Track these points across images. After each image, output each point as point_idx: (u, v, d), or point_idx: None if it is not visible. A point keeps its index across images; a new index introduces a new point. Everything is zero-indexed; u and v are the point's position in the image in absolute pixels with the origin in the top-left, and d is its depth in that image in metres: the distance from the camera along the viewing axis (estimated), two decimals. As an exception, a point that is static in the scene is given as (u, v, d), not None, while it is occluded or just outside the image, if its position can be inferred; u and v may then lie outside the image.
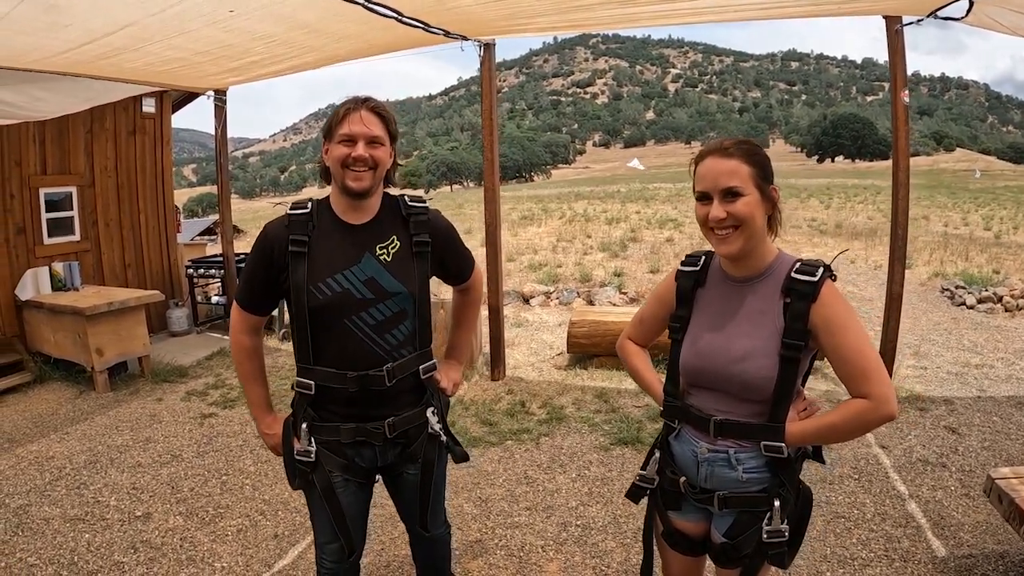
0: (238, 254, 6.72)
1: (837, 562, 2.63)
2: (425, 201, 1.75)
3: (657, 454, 1.57)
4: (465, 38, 4.52)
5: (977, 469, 3.38)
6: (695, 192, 1.39)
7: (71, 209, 6.11)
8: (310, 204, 1.67)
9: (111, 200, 6.50)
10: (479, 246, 5.72)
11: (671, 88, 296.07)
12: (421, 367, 1.73)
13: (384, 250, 1.65)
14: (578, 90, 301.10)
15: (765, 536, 1.39)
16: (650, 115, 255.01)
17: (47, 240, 5.85)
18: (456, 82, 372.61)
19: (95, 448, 4.01)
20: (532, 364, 5.63)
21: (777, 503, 1.38)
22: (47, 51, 3.74)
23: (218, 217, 6.92)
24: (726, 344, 1.40)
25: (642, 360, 1.68)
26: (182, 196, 72.60)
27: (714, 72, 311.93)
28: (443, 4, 3.65)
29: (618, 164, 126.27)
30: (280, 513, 3.17)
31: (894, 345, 4.31)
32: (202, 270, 7.14)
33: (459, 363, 1.98)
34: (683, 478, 1.50)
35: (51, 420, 4.51)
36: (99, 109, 6.01)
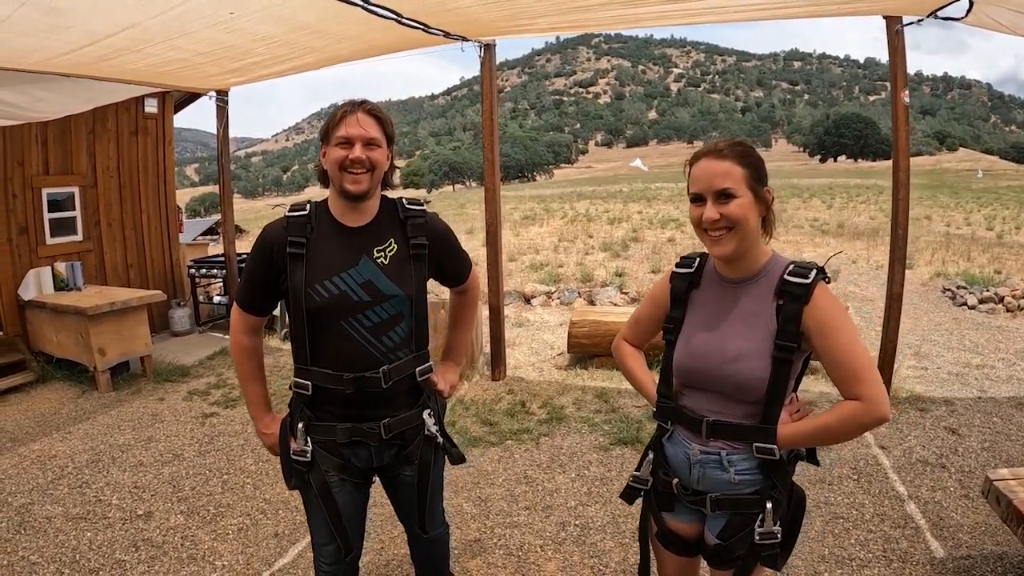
0: (240, 254, 6.74)
1: (835, 562, 2.64)
2: (423, 204, 1.76)
3: (650, 455, 1.58)
4: (465, 39, 4.53)
5: (977, 470, 3.38)
6: (689, 193, 1.40)
7: (73, 209, 6.14)
8: (308, 206, 1.68)
9: (113, 200, 6.53)
10: (481, 246, 5.73)
11: (674, 88, 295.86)
12: (417, 369, 1.73)
13: (381, 253, 1.66)
14: (580, 90, 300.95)
15: (758, 538, 1.39)
16: (652, 115, 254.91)
17: (49, 240, 5.88)
18: (459, 82, 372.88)
19: (97, 447, 4.02)
20: (533, 364, 5.64)
21: (769, 505, 1.38)
22: (49, 52, 3.76)
23: (220, 217, 6.94)
24: (719, 344, 1.40)
25: (636, 361, 1.69)
26: (185, 196, 72.84)
27: (717, 72, 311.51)
28: (443, 5, 3.65)
29: (620, 164, 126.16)
30: (281, 512, 3.19)
31: (894, 345, 4.30)
32: (204, 270, 7.16)
33: (456, 365, 1.99)
34: (676, 479, 1.51)
35: (53, 419, 4.53)
36: (101, 109, 6.03)
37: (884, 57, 4.14)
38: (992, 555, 2.66)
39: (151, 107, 6.82)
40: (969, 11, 3.55)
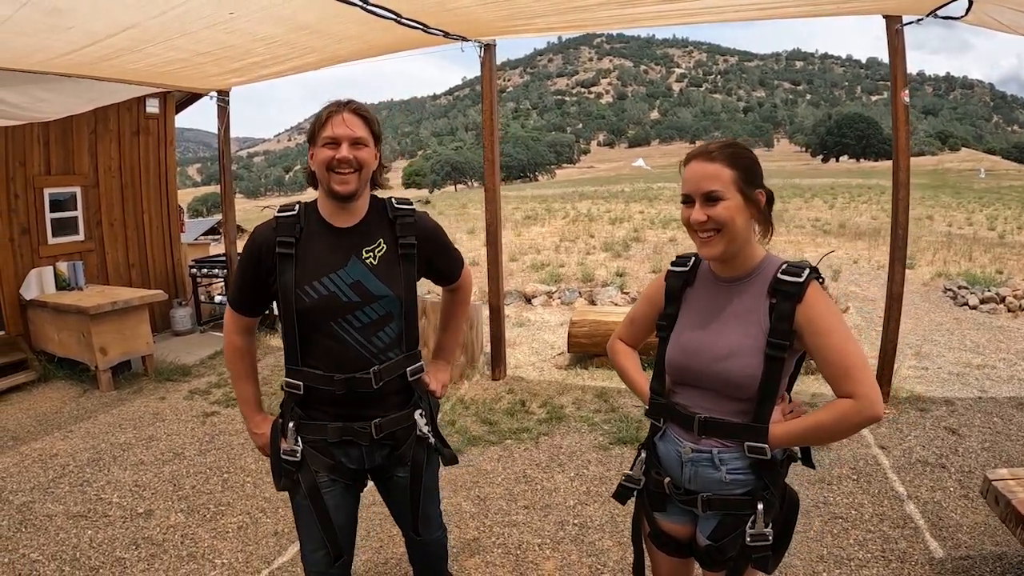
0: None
1: (834, 562, 2.64)
2: (412, 203, 1.76)
3: (643, 454, 1.58)
4: (465, 39, 4.53)
5: (977, 470, 3.38)
6: (681, 194, 1.42)
7: (75, 209, 6.16)
8: (297, 207, 1.68)
9: (115, 200, 6.55)
10: (482, 246, 5.73)
11: (676, 88, 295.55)
12: (408, 369, 1.73)
13: (370, 253, 1.66)
14: (582, 90, 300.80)
15: (748, 539, 1.38)
16: (655, 115, 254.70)
17: (51, 240, 5.90)
18: (461, 82, 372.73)
19: (98, 446, 4.04)
20: (533, 364, 5.64)
21: (760, 506, 1.38)
22: (50, 52, 3.77)
23: (221, 217, 6.95)
24: (711, 341, 1.41)
25: (630, 361, 1.70)
26: (187, 196, 72.89)
27: (719, 72, 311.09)
28: (442, 5, 3.66)
29: (623, 164, 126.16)
30: (280, 511, 3.19)
31: (894, 345, 4.29)
32: (205, 270, 7.18)
33: (447, 363, 1.99)
34: (667, 479, 1.51)
35: (55, 418, 4.55)
36: (103, 110, 6.05)
37: (886, 57, 4.14)
38: (991, 555, 2.65)
39: (153, 107, 6.84)
40: (968, 10, 3.55)
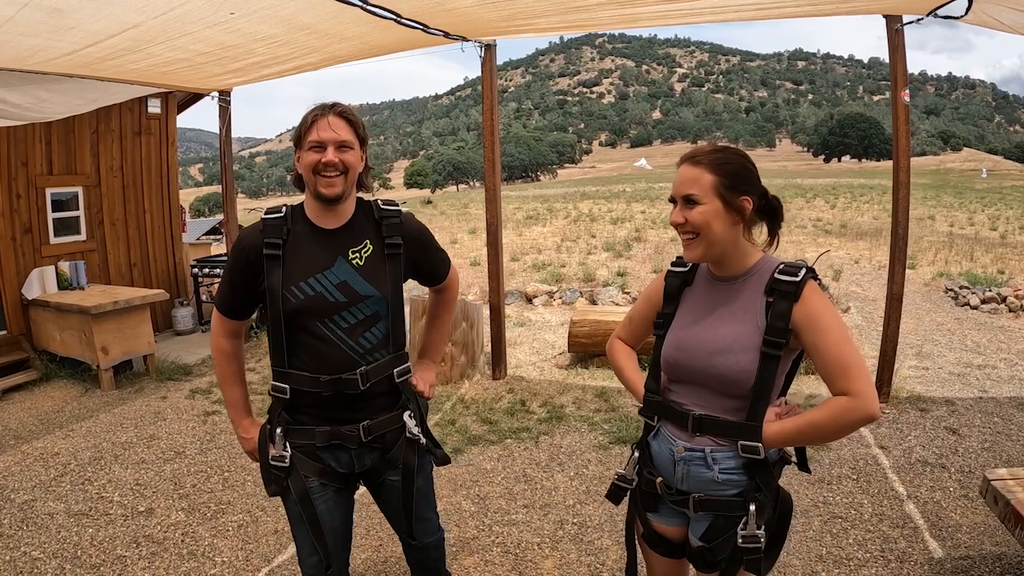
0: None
1: (833, 562, 2.64)
2: (398, 204, 1.76)
3: (636, 453, 1.58)
4: (465, 39, 4.54)
5: (977, 470, 3.37)
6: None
7: (77, 209, 6.18)
8: (284, 209, 1.68)
9: (117, 200, 6.56)
10: (483, 246, 5.74)
11: (677, 88, 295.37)
12: (395, 370, 1.73)
13: (357, 254, 1.66)
14: (584, 90, 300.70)
15: (740, 540, 1.38)
16: (656, 115, 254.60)
17: (53, 240, 5.92)
18: (463, 81, 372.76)
19: (100, 445, 4.05)
20: (534, 363, 5.65)
21: (753, 507, 1.37)
22: (52, 53, 3.78)
23: (223, 217, 6.96)
24: (705, 337, 1.41)
25: (628, 360, 1.70)
26: (189, 196, 73.07)
27: (720, 72, 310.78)
28: (442, 5, 3.66)
29: (624, 164, 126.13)
30: (280, 509, 3.17)
31: (895, 346, 4.29)
32: (207, 269, 7.19)
33: (433, 363, 1.99)
34: (660, 478, 1.51)
35: (57, 417, 4.56)
36: (105, 110, 6.07)
37: (887, 57, 4.14)
38: (991, 555, 2.65)
39: (154, 107, 6.86)
40: (968, 9, 3.54)
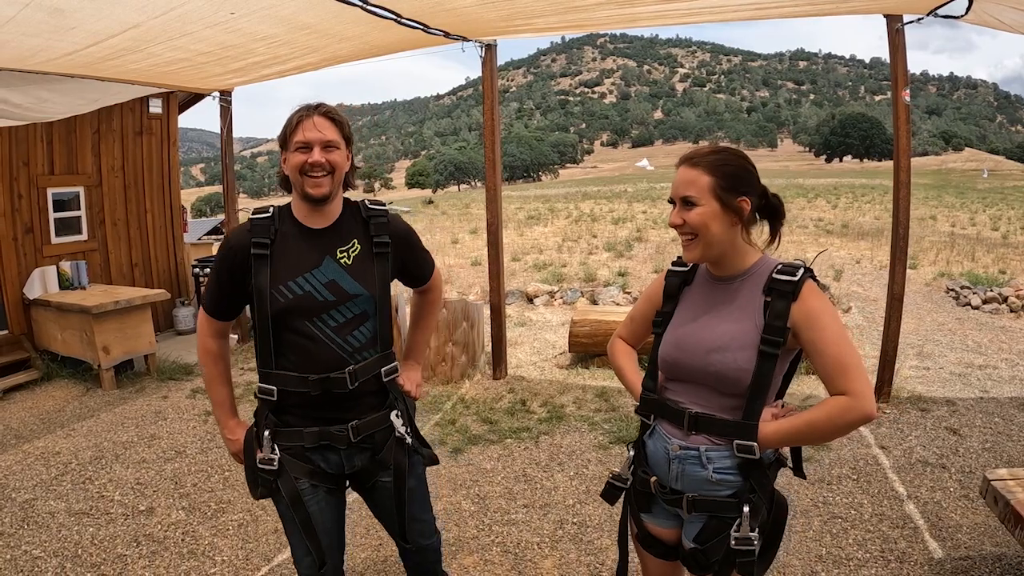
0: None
1: (832, 562, 2.63)
2: (385, 204, 1.77)
3: (631, 453, 1.58)
4: (465, 39, 4.54)
5: (977, 470, 3.37)
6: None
7: (78, 209, 6.19)
8: (272, 209, 1.69)
9: (118, 200, 6.57)
10: (485, 246, 5.74)
11: (679, 88, 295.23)
12: (383, 369, 1.73)
13: (344, 253, 1.67)
14: (586, 90, 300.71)
15: (734, 543, 1.37)
16: (658, 115, 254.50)
17: (55, 239, 5.93)
18: (464, 82, 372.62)
19: (101, 444, 4.06)
20: (534, 363, 5.65)
21: (747, 509, 1.36)
22: (53, 53, 3.79)
23: (224, 217, 6.97)
24: (703, 335, 1.42)
25: (627, 359, 1.70)
26: (191, 196, 73.10)
27: (722, 72, 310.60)
28: (441, 5, 3.67)
29: (626, 164, 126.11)
30: (280, 509, 3.20)
31: (895, 345, 4.28)
32: (208, 269, 7.20)
33: (418, 363, 1.99)
34: (654, 478, 1.51)
35: (58, 417, 4.57)
36: (106, 110, 6.08)
37: (888, 56, 4.14)
38: (991, 556, 2.65)
39: (156, 107, 6.87)
40: (968, 9, 3.54)
